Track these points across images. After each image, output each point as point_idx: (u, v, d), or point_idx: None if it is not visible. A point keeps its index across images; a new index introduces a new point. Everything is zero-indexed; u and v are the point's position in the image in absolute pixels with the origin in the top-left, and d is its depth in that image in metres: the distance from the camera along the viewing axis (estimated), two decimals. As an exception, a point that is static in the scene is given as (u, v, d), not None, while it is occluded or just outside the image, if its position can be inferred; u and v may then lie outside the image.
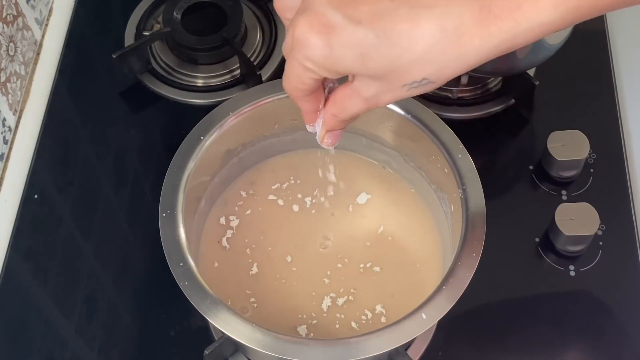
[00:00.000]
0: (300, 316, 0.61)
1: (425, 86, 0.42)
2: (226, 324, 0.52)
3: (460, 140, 0.61)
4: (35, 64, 0.83)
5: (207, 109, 0.63)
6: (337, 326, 0.61)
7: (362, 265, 0.63)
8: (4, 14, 0.74)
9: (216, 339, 0.61)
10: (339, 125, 0.48)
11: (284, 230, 0.65)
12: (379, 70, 0.41)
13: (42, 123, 0.78)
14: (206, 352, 0.59)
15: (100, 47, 0.84)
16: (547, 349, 0.66)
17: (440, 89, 0.77)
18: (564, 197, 0.73)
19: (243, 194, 0.67)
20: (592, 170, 0.74)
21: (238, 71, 0.82)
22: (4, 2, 0.74)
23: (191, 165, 0.60)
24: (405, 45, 0.40)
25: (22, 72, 0.79)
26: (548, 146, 0.72)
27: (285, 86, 0.46)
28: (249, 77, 0.80)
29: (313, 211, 0.66)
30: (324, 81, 0.47)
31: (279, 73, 0.82)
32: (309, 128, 0.51)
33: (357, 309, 0.62)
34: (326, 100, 0.48)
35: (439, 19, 0.39)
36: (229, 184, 0.67)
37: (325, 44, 0.40)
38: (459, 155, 0.59)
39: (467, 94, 0.78)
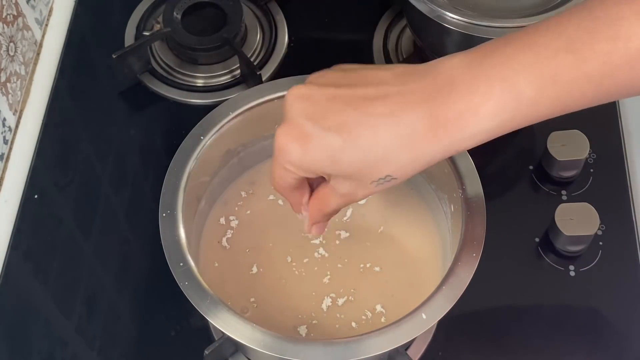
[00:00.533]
0: (300, 316, 0.61)
1: (390, 182, 0.48)
2: (226, 324, 0.52)
3: (460, 140, 0.60)
4: (35, 64, 0.83)
5: (207, 109, 0.63)
6: (337, 326, 0.61)
7: (362, 265, 0.63)
8: (4, 14, 0.74)
9: (216, 339, 0.61)
10: (322, 219, 0.54)
11: (284, 230, 0.65)
12: (348, 170, 0.48)
13: (42, 123, 0.78)
14: (206, 352, 0.59)
15: (100, 47, 0.84)
16: (547, 348, 0.66)
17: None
18: (564, 197, 0.73)
19: (243, 194, 0.67)
20: (592, 170, 0.74)
21: (238, 71, 0.82)
22: (4, 2, 0.74)
23: (191, 165, 0.60)
24: (368, 148, 0.46)
25: (22, 72, 0.79)
26: (548, 146, 0.72)
27: (273, 184, 0.53)
28: (249, 77, 0.80)
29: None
30: (308, 179, 0.53)
31: (279, 73, 0.82)
32: (299, 216, 0.56)
33: (357, 309, 0.62)
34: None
35: (395, 126, 0.46)
36: (229, 184, 0.67)
37: (301, 149, 0.47)
38: (459, 156, 0.59)
39: (467, 94, 0.78)
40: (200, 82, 0.82)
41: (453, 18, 0.68)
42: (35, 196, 0.74)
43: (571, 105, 0.45)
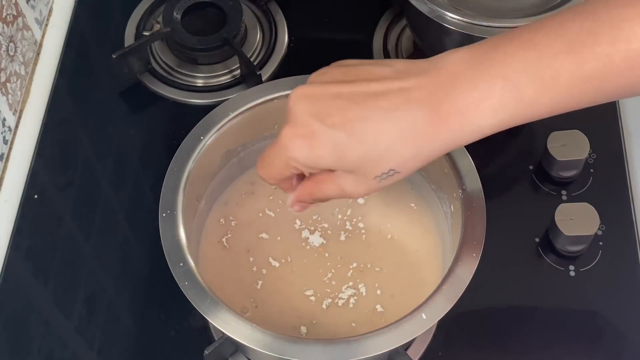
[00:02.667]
0: (300, 316, 0.61)
1: (393, 177, 0.49)
2: (226, 324, 0.52)
3: (460, 140, 0.60)
4: (35, 64, 0.83)
5: (207, 109, 0.63)
6: (337, 326, 0.61)
7: (362, 265, 0.63)
8: (4, 14, 0.74)
9: (216, 339, 0.61)
10: (309, 200, 0.55)
11: (284, 230, 0.65)
12: (352, 165, 0.48)
13: (42, 123, 0.78)
14: (206, 352, 0.59)
15: (100, 47, 0.84)
16: (547, 348, 0.66)
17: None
18: (564, 197, 0.73)
19: (243, 194, 0.67)
20: (592, 170, 0.74)
21: (238, 71, 0.82)
22: (4, 2, 0.74)
23: (191, 165, 0.60)
24: (372, 143, 0.47)
25: (22, 72, 0.79)
26: (548, 146, 0.72)
27: (262, 174, 0.53)
28: (249, 77, 0.80)
29: (313, 211, 0.66)
30: None
31: (279, 73, 0.82)
32: (289, 201, 0.56)
33: (357, 308, 0.62)
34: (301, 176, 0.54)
35: (398, 121, 0.46)
36: (229, 184, 0.67)
37: (307, 147, 0.48)
38: (459, 155, 0.59)
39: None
40: (200, 82, 0.82)
41: (453, 18, 0.68)
42: (35, 196, 0.74)
43: (571, 105, 0.46)
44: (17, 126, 0.78)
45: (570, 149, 0.72)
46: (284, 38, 0.84)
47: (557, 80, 0.44)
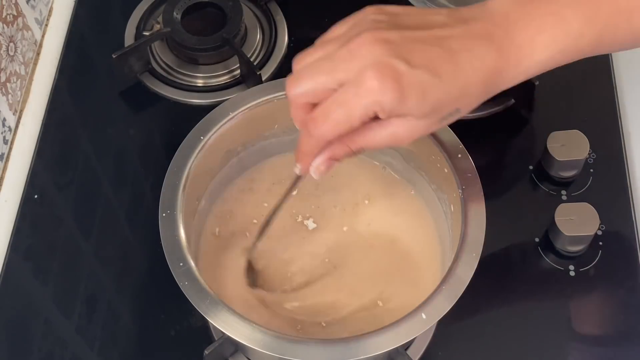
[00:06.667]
0: (299, 316, 0.61)
1: (453, 116, 0.50)
2: (226, 324, 0.52)
3: (460, 141, 0.61)
4: (35, 64, 0.83)
5: (207, 109, 0.63)
6: (337, 326, 0.61)
7: (362, 266, 0.63)
8: (4, 14, 0.74)
9: (216, 339, 0.61)
10: (344, 155, 0.52)
11: (284, 230, 0.65)
12: (431, 106, 0.48)
13: (42, 123, 0.78)
14: (206, 352, 0.59)
15: (100, 47, 0.84)
16: (547, 348, 0.66)
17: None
18: (564, 197, 0.73)
19: (243, 194, 0.67)
20: (592, 170, 0.74)
21: (238, 71, 0.82)
22: (4, 2, 0.74)
23: (191, 165, 0.60)
24: (452, 81, 0.48)
25: (22, 72, 0.79)
26: (548, 146, 0.72)
27: (325, 129, 0.49)
28: (249, 77, 0.80)
29: (313, 211, 0.66)
30: None
31: (279, 73, 0.82)
32: (296, 169, 0.54)
33: (356, 308, 0.62)
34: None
35: (471, 60, 0.48)
36: (229, 184, 0.67)
37: (395, 88, 0.46)
38: (459, 156, 0.59)
39: (467, 94, 0.78)
40: (200, 82, 0.82)
41: (453, 18, 0.68)
42: (35, 196, 0.74)
43: (606, 41, 0.51)
44: (17, 126, 0.78)
45: (570, 149, 0.72)
46: (284, 38, 0.84)
47: (597, 13, 0.49)
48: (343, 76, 0.47)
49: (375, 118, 0.49)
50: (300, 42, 0.84)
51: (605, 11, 0.50)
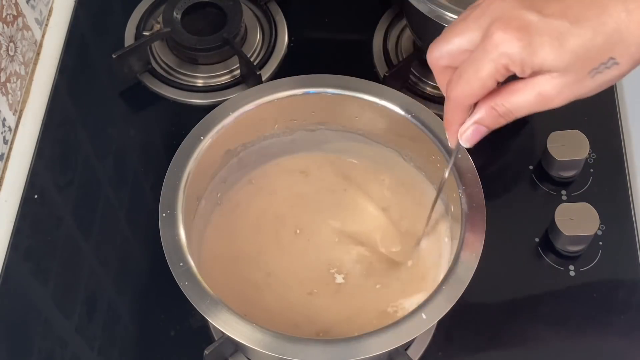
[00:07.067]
0: (299, 316, 0.61)
1: (611, 69, 0.45)
2: (226, 324, 0.52)
3: (460, 140, 0.61)
4: (35, 64, 0.83)
5: (207, 109, 0.63)
6: (337, 326, 0.61)
7: (362, 266, 0.63)
8: (4, 14, 0.74)
9: (216, 339, 0.61)
10: (491, 120, 0.49)
11: (284, 230, 0.65)
12: (572, 56, 0.44)
13: (42, 123, 0.78)
14: (206, 352, 0.59)
15: (100, 47, 0.84)
16: (547, 348, 0.66)
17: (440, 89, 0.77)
18: (564, 197, 0.73)
19: (243, 194, 0.67)
20: (592, 170, 0.74)
21: (238, 71, 0.82)
22: (4, 2, 0.74)
23: (191, 165, 0.60)
24: (596, 27, 0.44)
25: (22, 72, 0.79)
26: (548, 146, 0.72)
27: (459, 92, 0.47)
28: (249, 77, 0.80)
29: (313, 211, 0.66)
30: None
31: (279, 73, 0.82)
32: (449, 143, 0.52)
33: (357, 309, 0.62)
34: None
35: (622, 2, 0.44)
36: (229, 184, 0.67)
37: (525, 39, 0.44)
38: (459, 155, 0.59)
39: (467, 94, 0.78)
40: (200, 82, 0.82)
41: (453, 18, 0.68)
42: (35, 196, 0.74)
43: None
44: (17, 126, 0.78)
45: (570, 149, 0.72)
46: (284, 38, 0.84)
47: None
48: (475, 35, 0.46)
49: (518, 78, 0.46)
50: (300, 42, 0.84)
51: None
